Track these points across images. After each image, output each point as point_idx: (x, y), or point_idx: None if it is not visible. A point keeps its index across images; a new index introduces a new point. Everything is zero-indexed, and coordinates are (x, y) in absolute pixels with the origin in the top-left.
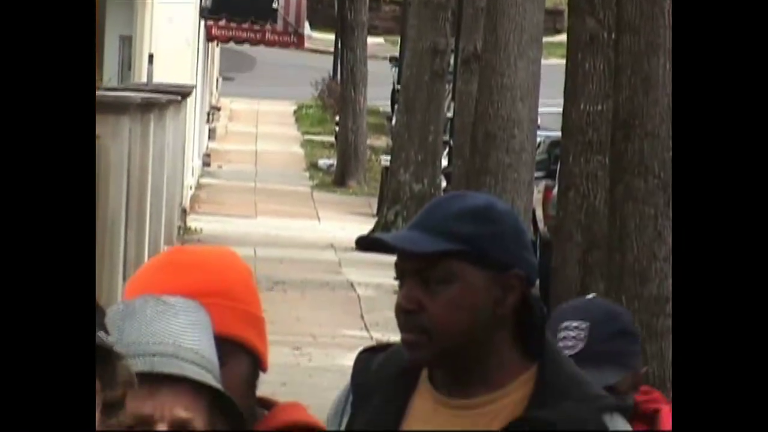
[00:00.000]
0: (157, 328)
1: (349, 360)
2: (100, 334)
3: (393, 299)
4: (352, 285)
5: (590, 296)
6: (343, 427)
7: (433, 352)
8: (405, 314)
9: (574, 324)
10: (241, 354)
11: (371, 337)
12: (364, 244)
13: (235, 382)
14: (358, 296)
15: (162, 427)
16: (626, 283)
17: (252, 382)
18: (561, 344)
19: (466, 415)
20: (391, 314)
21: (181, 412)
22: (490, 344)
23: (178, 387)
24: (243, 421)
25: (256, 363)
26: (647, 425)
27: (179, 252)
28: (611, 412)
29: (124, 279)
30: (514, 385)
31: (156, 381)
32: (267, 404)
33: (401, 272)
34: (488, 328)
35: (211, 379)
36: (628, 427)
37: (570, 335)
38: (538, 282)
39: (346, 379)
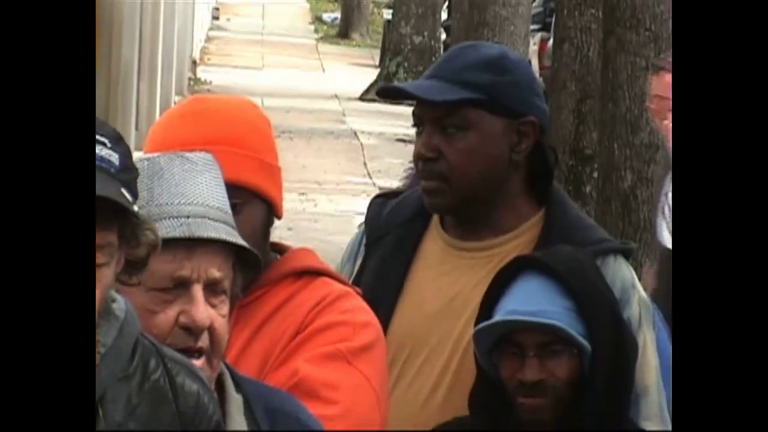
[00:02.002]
0: (185, 188)
1: (352, 206)
2: (122, 191)
3: (394, 147)
4: (355, 133)
5: None
6: (356, 269)
7: (453, 199)
8: (424, 161)
9: None
10: (256, 201)
11: (374, 184)
12: (387, 93)
13: (249, 228)
14: (361, 144)
15: (198, 287)
16: (618, 131)
17: (266, 229)
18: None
19: (475, 257)
20: (392, 161)
21: (215, 272)
22: (504, 189)
23: (212, 248)
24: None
25: (271, 210)
26: None
27: (199, 101)
28: (615, 254)
29: (137, 129)
30: (522, 229)
31: (191, 242)
32: (279, 249)
33: (420, 120)
34: (503, 173)
35: (239, 238)
36: (631, 270)
37: None
38: None
39: (350, 224)
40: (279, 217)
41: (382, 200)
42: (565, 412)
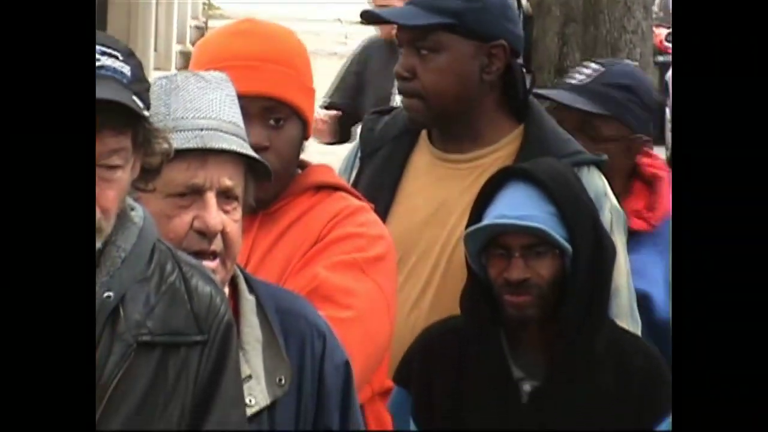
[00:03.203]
0: (200, 104)
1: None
2: (133, 98)
3: None
4: None
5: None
6: (351, 180)
7: (429, 115)
8: (402, 80)
9: (594, 66)
10: (295, 119)
11: None
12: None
13: (289, 144)
14: None
15: (211, 194)
16: (599, 53)
17: (300, 146)
18: (568, 78)
19: (460, 167)
20: None
21: (227, 181)
22: (480, 106)
23: (224, 158)
24: (269, 183)
25: (305, 129)
26: (648, 188)
27: (250, 22)
28: (588, 165)
29: (155, 50)
30: (502, 142)
31: (204, 153)
32: (301, 164)
33: (400, 42)
34: (477, 92)
35: (249, 149)
36: (603, 180)
37: (583, 71)
38: None
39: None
40: (307, 138)
41: (375, 116)
42: (549, 310)
